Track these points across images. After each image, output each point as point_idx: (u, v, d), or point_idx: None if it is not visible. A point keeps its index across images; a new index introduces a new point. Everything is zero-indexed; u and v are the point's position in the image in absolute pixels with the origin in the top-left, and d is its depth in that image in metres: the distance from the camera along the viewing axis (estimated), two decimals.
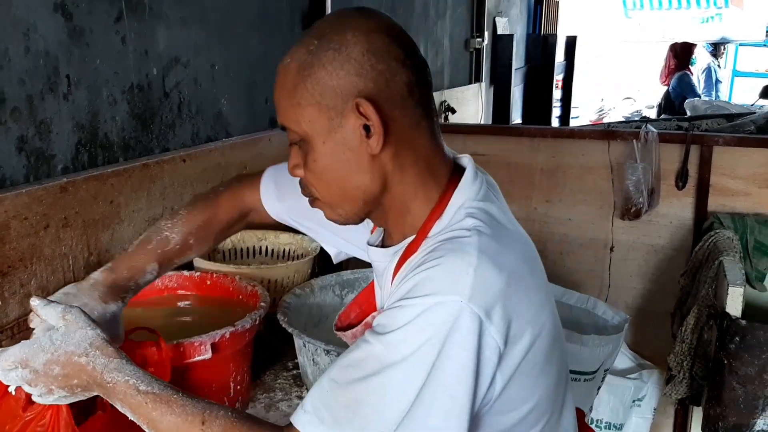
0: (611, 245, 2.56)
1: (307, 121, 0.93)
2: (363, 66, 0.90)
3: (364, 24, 0.92)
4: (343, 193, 0.96)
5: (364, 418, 0.81)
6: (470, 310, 0.81)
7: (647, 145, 2.38)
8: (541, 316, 0.90)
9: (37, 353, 0.93)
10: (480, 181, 0.98)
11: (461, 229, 0.89)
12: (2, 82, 1.42)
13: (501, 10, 6.03)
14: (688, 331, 2.01)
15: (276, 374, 1.64)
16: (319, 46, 0.91)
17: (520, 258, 0.91)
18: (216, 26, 2.10)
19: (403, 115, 0.93)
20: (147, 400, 0.91)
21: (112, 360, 0.93)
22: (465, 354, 0.81)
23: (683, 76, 6.51)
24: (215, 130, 2.16)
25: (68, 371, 0.93)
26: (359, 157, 0.93)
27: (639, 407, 2.40)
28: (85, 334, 0.94)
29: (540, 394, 0.94)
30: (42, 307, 0.97)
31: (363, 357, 0.84)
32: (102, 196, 1.62)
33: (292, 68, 0.93)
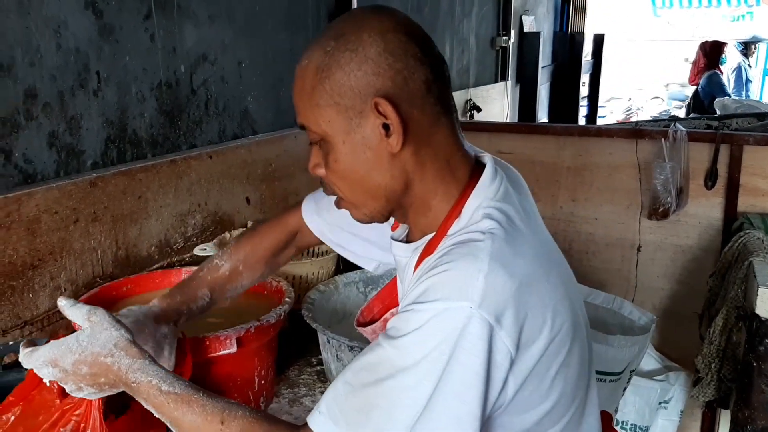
0: (638, 245, 2.53)
1: (326, 121, 0.93)
2: (380, 65, 0.90)
3: (379, 23, 0.92)
4: (365, 191, 0.97)
5: (377, 421, 0.82)
6: (480, 317, 0.81)
7: (676, 144, 2.35)
8: (557, 318, 0.89)
9: (65, 354, 0.96)
10: (499, 180, 0.98)
11: (476, 232, 0.89)
12: (34, 78, 1.44)
13: (528, 8, 5.99)
14: (717, 332, 1.97)
15: (300, 370, 1.65)
16: (335, 47, 0.92)
17: (535, 261, 0.90)
18: (243, 24, 2.12)
19: (423, 113, 0.93)
20: (169, 400, 0.93)
21: (136, 360, 0.96)
22: (475, 360, 0.81)
23: (713, 76, 6.41)
24: (241, 128, 2.17)
25: (95, 371, 0.96)
26: (379, 156, 0.93)
27: (665, 409, 2.37)
28: (110, 335, 0.97)
29: (558, 396, 0.92)
30: (69, 307, 1.01)
31: (376, 361, 0.85)
32: (130, 191, 1.64)
33: (310, 70, 0.94)
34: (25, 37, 1.42)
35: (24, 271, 1.39)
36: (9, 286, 1.36)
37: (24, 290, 1.39)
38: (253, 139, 2.16)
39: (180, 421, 0.93)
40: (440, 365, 0.80)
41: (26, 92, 1.43)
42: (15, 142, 1.42)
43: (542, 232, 1.00)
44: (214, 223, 1.96)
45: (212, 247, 1.78)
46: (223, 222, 2.00)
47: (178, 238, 1.82)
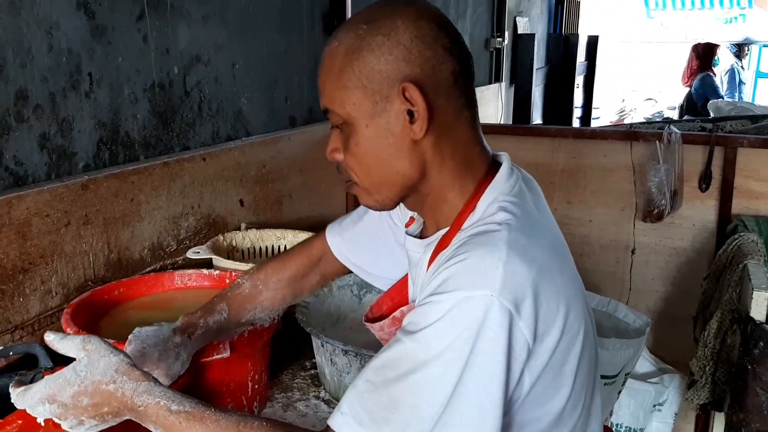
0: (633, 247, 2.53)
1: (351, 104, 0.94)
2: (411, 52, 0.91)
3: (413, 11, 0.93)
4: (382, 177, 0.97)
5: (402, 417, 0.81)
6: (500, 304, 0.80)
7: (670, 147, 2.35)
8: (570, 312, 0.89)
9: (63, 387, 0.90)
10: (515, 177, 0.98)
11: (492, 223, 0.89)
12: (25, 79, 1.43)
13: (522, 10, 6.00)
14: (711, 335, 1.97)
15: (294, 374, 1.64)
16: (368, 30, 0.92)
17: (551, 254, 0.90)
18: (237, 25, 2.11)
19: (447, 104, 0.94)
20: (180, 419, 0.89)
21: (140, 383, 0.91)
22: (497, 348, 0.80)
23: (705, 78, 6.43)
24: (235, 129, 2.16)
25: (97, 400, 0.91)
26: (401, 142, 0.94)
27: (660, 412, 2.37)
28: (109, 361, 0.92)
29: (567, 396, 0.92)
30: (59, 341, 0.95)
31: (397, 356, 0.84)
32: (123, 193, 1.63)
33: (340, 52, 0.94)
34: (17, 37, 1.40)
35: (14, 274, 1.37)
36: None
37: (14, 294, 1.37)
38: (246, 141, 2.15)
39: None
40: (464, 355, 0.80)
41: (17, 93, 1.42)
42: (5, 144, 1.40)
43: (556, 232, 1.00)
44: (207, 225, 1.95)
45: (206, 250, 1.76)
46: (216, 224, 1.99)
47: (171, 241, 1.81)
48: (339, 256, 1.30)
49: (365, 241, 1.26)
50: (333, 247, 1.30)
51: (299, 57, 2.47)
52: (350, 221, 1.28)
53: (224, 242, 1.92)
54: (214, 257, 1.75)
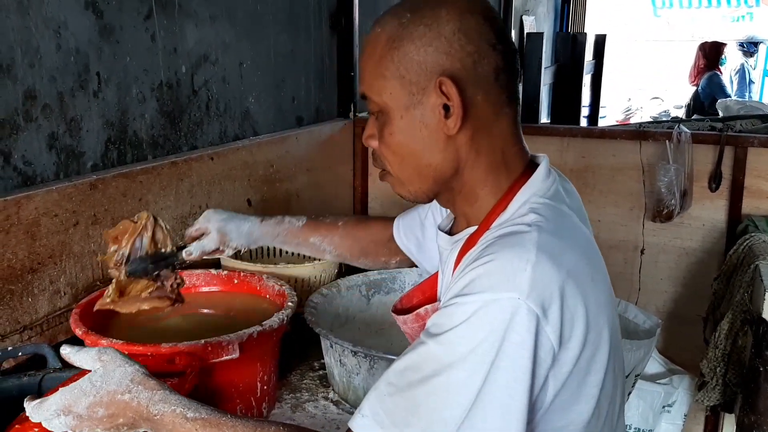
0: (642, 248, 2.51)
1: (388, 93, 0.93)
2: (452, 45, 0.90)
3: (460, 3, 0.92)
4: (414, 169, 0.96)
5: (424, 420, 0.79)
6: (527, 308, 0.78)
7: (680, 146, 2.33)
8: (599, 320, 0.87)
9: (78, 398, 0.90)
10: (552, 180, 0.96)
11: (521, 224, 0.88)
12: (34, 79, 1.43)
13: (528, 8, 5.98)
14: (722, 336, 1.95)
15: (302, 374, 1.63)
16: (411, 19, 0.91)
17: (582, 258, 0.88)
18: (244, 24, 2.10)
19: (486, 100, 0.92)
20: (196, 426, 0.88)
21: (155, 392, 0.91)
22: (523, 352, 0.79)
23: (713, 77, 6.40)
24: (242, 129, 2.15)
25: (113, 411, 0.90)
26: (435, 135, 0.93)
27: (669, 413, 2.35)
28: (124, 372, 0.91)
29: (594, 404, 0.89)
30: (74, 354, 0.95)
31: (420, 359, 0.82)
32: (131, 193, 1.62)
33: (382, 39, 0.93)
34: (25, 37, 1.40)
35: (23, 274, 1.37)
36: (8, 290, 1.34)
37: (23, 294, 1.37)
38: (254, 141, 2.14)
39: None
40: (489, 359, 0.78)
41: (26, 93, 1.41)
42: (14, 144, 1.40)
43: (590, 239, 0.97)
44: None
45: None
46: None
47: (179, 240, 1.80)
48: (397, 239, 1.36)
49: (416, 227, 1.32)
50: (395, 229, 1.37)
51: (306, 56, 2.47)
52: (412, 208, 1.34)
53: None
54: (222, 257, 1.74)
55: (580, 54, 4.30)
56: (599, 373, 0.89)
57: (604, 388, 0.90)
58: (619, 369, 0.97)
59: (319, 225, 1.43)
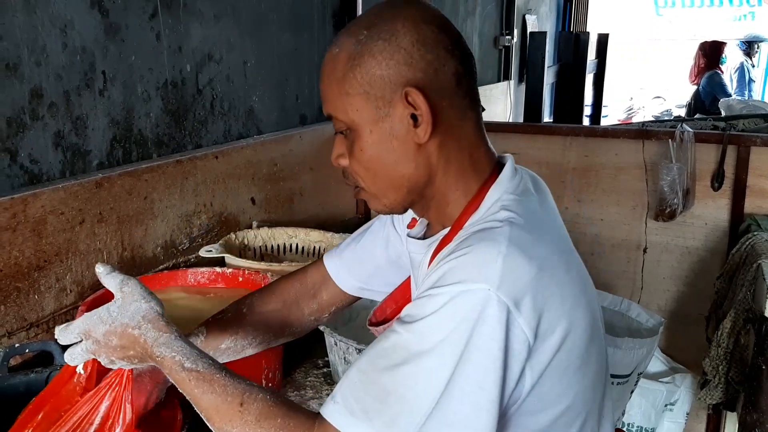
0: (644, 246, 2.52)
1: (354, 110, 0.94)
2: (413, 56, 0.91)
3: (413, 14, 0.93)
4: (388, 181, 0.97)
5: (393, 408, 0.80)
6: (498, 299, 0.79)
7: (683, 145, 2.34)
8: (575, 311, 0.88)
9: (97, 324, 0.95)
10: (519, 177, 0.98)
11: (494, 221, 0.89)
12: (40, 77, 1.43)
13: (530, 8, 5.98)
14: (725, 335, 1.96)
15: (306, 372, 1.64)
16: (368, 35, 0.92)
17: (555, 251, 0.89)
18: (248, 23, 2.11)
19: (451, 105, 0.94)
20: (190, 377, 0.91)
21: (162, 334, 0.94)
22: (493, 344, 0.79)
23: (713, 76, 6.40)
24: (246, 127, 2.16)
25: (124, 342, 0.94)
26: (405, 146, 0.94)
27: (671, 411, 2.36)
28: (138, 307, 0.95)
29: (574, 396, 0.91)
30: (105, 275, 0.98)
31: (390, 347, 0.83)
32: (136, 191, 1.63)
33: (342, 58, 0.94)
34: (31, 36, 1.40)
35: (30, 272, 1.37)
36: (14, 288, 1.35)
37: (29, 292, 1.38)
38: (258, 139, 2.15)
39: (199, 400, 0.91)
40: (458, 349, 0.79)
41: (32, 92, 1.42)
42: (21, 142, 1.41)
43: (562, 232, 0.99)
44: (219, 223, 1.95)
45: (218, 249, 1.76)
46: (228, 222, 1.99)
47: (184, 239, 1.81)
48: (337, 279, 1.23)
49: (367, 256, 1.22)
50: (331, 269, 1.24)
51: (310, 55, 2.47)
52: (350, 241, 1.24)
53: (236, 240, 1.92)
54: (227, 256, 1.75)
55: (583, 53, 4.30)
56: (579, 363, 0.90)
57: (585, 378, 0.92)
58: (602, 360, 0.98)
59: (223, 326, 1.18)
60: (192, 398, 0.92)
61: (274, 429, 0.87)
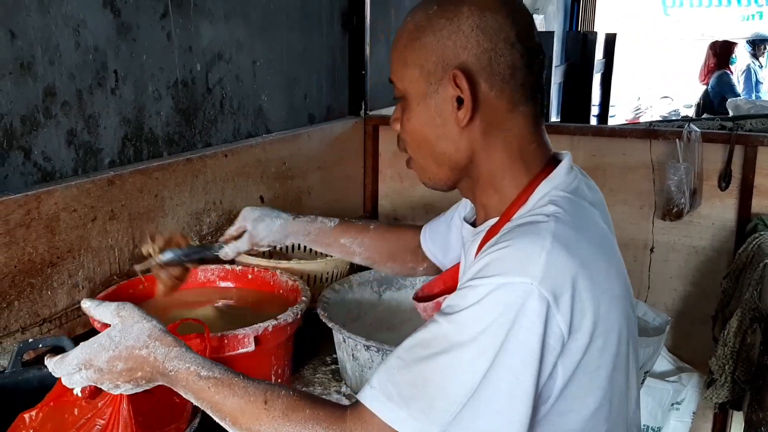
0: (651, 246, 2.52)
1: (408, 80, 0.97)
2: (469, 40, 0.93)
3: (484, 0, 0.94)
4: (430, 156, 1.00)
5: (430, 395, 0.81)
6: (539, 293, 0.80)
7: (690, 145, 2.34)
8: (611, 313, 0.88)
9: (98, 352, 0.93)
10: (574, 176, 0.98)
11: (540, 215, 0.90)
12: (53, 76, 1.45)
13: (538, 7, 5.98)
14: (731, 334, 1.96)
15: (315, 368, 1.65)
16: (436, 11, 0.95)
17: (597, 252, 0.89)
18: (258, 23, 2.12)
19: (500, 97, 0.94)
20: (209, 384, 0.91)
21: (172, 349, 0.94)
22: (532, 337, 0.80)
23: (722, 75, 6.38)
24: (255, 126, 2.17)
25: (131, 365, 0.93)
26: (448, 125, 0.96)
27: (677, 410, 2.36)
28: (142, 327, 0.94)
29: (602, 398, 0.90)
30: (95, 307, 0.98)
31: (431, 336, 0.85)
32: (147, 189, 1.65)
33: (409, 28, 0.97)
34: (45, 35, 1.42)
35: (43, 268, 1.39)
36: (28, 284, 1.37)
37: (43, 288, 1.40)
38: (267, 138, 2.16)
39: (221, 405, 0.91)
40: (498, 341, 0.80)
41: (45, 90, 1.44)
42: (34, 140, 1.43)
43: (609, 234, 0.99)
44: (228, 221, 1.95)
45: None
46: None
47: (194, 236, 1.83)
48: (423, 245, 1.37)
49: (442, 231, 1.33)
50: (422, 235, 1.38)
51: (318, 55, 2.49)
52: (440, 215, 1.36)
53: None
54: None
55: (591, 53, 4.30)
56: (609, 366, 0.89)
57: (615, 381, 0.91)
58: (633, 365, 0.98)
59: (350, 227, 1.44)
60: (213, 406, 0.91)
61: (303, 420, 0.88)
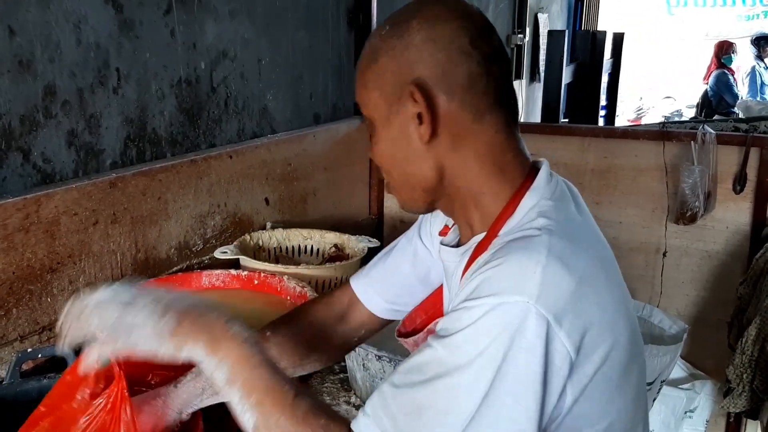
0: (664, 250, 2.47)
1: (372, 104, 0.95)
2: (422, 53, 0.89)
3: (433, 12, 0.91)
4: (401, 179, 0.97)
5: (426, 424, 0.77)
6: (537, 312, 0.75)
7: (704, 147, 2.29)
8: (617, 324, 0.84)
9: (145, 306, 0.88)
10: (555, 183, 0.94)
11: (531, 228, 0.85)
12: (54, 74, 1.40)
13: (542, 6, 5.93)
14: (749, 342, 1.92)
15: (323, 377, 1.60)
16: (388, 31, 0.92)
17: (595, 261, 0.85)
18: (263, 20, 2.07)
19: (463, 107, 0.90)
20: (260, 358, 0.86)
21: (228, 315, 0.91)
22: (532, 359, 0.75)
23: (720, 75, 6.40)
24: (260, 126, 2.12)
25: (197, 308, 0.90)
26: (413, 144, 0.92)
27: (691, 418, 2.32)
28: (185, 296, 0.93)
29: (615, 413, 0.87)
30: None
31: (425, 361, 0.80)
32: (150, 192, 1.59)
33: (366, 52, 0.95)
34: (45, 31, 1.37)
35: (42, 274, 1.34)
36: (27, 290, 1.31)
37: (42, 294, 1.35)
38: (272, 139, 2.11)
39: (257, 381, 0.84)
40: (495, 364, 0.75)
41: (45, 89, 1.39)
42: (33, 141, 1.37)
43: (601, 238, 0.95)
44: (233, 224, 1.91)
45: (233, 250, 1.73)
46: (242, 223, 1.95)
47: (198, 240, 1.77)
48: (366, 301, 1.18)
49: (394, 275, 1.18)
50: (358, 290, 1.19)
51: (324, 53, 2.43)
52: (376, 261, 1.20)
53: (251, 242, 1.88)
54: (242, 257, 1.72)
55: (600, 52, 4.25)
56: (621, 378, 0.86)
57: (627, 394, 0.88)
58: (642, 374, 0.94)
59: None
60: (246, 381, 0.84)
61: (315, 428, 0.83)
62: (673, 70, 11.51)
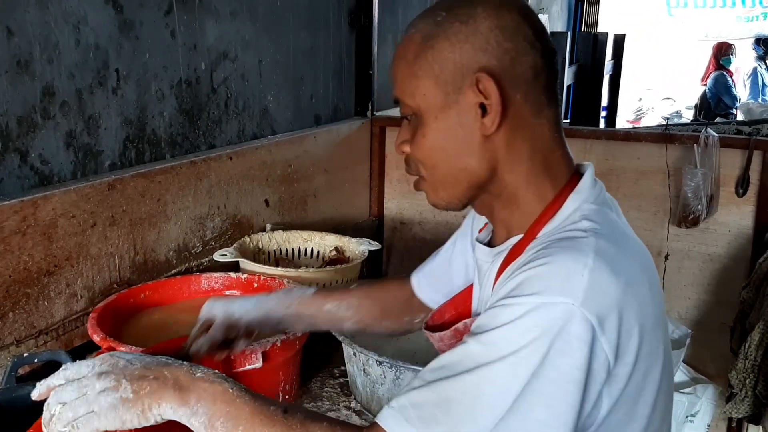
0: (666, 253, 2.46)
1: (422, 94, 0.89)
2: (489, 41, 0.86)
3: (496, 0, 0.88)
4: (448, 173, 0.92)
5: (454, 419, 0.74)
6: (582, 316, 0.73)
7: (707, 150, 2.27)
8: (656, 332, 0.82)
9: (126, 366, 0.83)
10: (599, 187, 0.92)
11: (576, 230, 0.83)
12: (52, 75, 1.38)
13: (542, 7, 5.92)
14: (752, 347, 1.90)
15: (322, 382, 1.58)
16: (446, 17, 0.88)
17: (639, 268, 0.84)
18: (264, 21, 2.05)
19: (525, 100, 0.88)
20: (234, 389, 0.82)
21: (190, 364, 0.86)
22: (572, 363, 0.73)
23: (718, 77, 6.42)
24: (261, 127, 2.11)
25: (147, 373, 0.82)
26: (471, 136, 0.88)
27: (692, 423, 2.30)
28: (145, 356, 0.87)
29: (647, 426, 0.84)
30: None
31: (457, 358, 0.78)
32: (149, 193, 1.58)
33: (416, 39, 0.90)
34: (44, 32, 1.35)
35: (39, 277, 1.32)
36: (24, 294, 1.30)
37: (39, 298, 1.33)
38: (272, 140, 2.09)
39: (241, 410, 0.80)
40: (532, 364, 0.73)
41: (44, 90, 1.37)
42: (31, 142, 1.36)
43: (642, 245, 0.93)
44: (233, 226, 1.89)
45: (233, 253, 1.71)
46: (241, 225, 1.93)
47: (197, 242, 1.76)
48: (418, 293, 1.23)
49: (443, 271, 1.20)
50: (414, 284, 1.25)
51: (325, 54, 2.42)
52: (430, 258, 1.24)
53: (250, 244, 1.87)
54: (241, 260, 1.70)
55: (601, 54, 4.24)
56: (652, 391, 0.84)
57: (656, 409, 0.85)
58: (671, 385, 0.93)
59: (331, 291, 1.30)
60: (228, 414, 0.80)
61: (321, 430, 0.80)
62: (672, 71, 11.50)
